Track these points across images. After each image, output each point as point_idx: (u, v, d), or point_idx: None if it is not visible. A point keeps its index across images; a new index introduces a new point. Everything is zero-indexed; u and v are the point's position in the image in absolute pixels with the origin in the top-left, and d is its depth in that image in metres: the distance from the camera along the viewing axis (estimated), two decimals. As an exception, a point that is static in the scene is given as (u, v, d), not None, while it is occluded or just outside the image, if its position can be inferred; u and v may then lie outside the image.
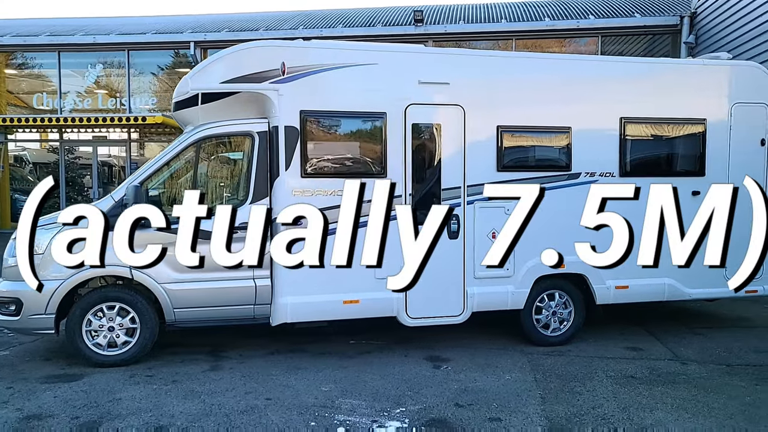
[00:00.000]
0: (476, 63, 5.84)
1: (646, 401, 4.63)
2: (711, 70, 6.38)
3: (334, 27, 15.66)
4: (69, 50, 16.91)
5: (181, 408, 4.31)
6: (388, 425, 4.11)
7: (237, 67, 5.32)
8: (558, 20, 14.69)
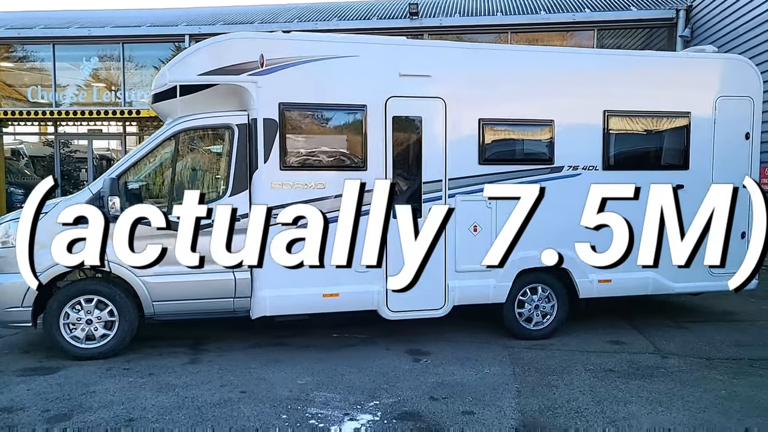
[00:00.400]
0: (458, 55, 5.79)
1: (622, 395, 4.61)
2: (695, 63, 6.33)
3: (329, 20, 15.60)
4: (64, 43, 16.85)
5: (154, 401, 4.31)
6: (359, 418, 4.10)
7: (215, 59, 5.29)
8: (554, 13, 14.61)
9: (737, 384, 4.85)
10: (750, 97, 6.37)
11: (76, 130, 17.32)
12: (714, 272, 6.38)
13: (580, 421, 4.13)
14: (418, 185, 5.68)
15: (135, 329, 5.39)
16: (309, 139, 5.53)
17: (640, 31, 15.29)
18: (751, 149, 6.42)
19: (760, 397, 4.56)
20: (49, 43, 16.89)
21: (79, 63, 17.01)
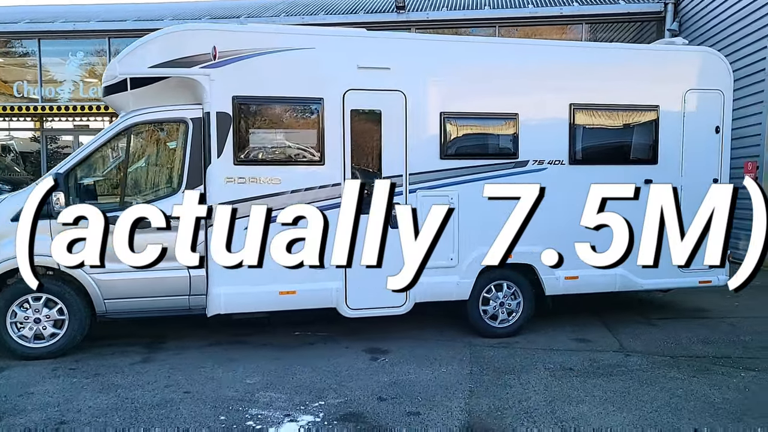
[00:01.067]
0: (418, 48, 5.67)
1: (576, 394, 4.51)
2: (663, 56, 6.19)
3: (316, 14, 15.46)
4: (49, 37, 16.73)
5: (92, 402, 4.21)
6: (300, 419, 4.00)
7: (167, 51, 5.17)
8: (541, 7, 14.45)
9: (696, 383, 4.74)
10: (720, 91, 6.23)
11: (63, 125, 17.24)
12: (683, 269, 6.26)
13: (527, 421, 4.02)
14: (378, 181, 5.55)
15: (86, 328, 5.29)
16: (264, 133, 5.41)
17: (631, 24, 15.13)
18: (721, 143, 6.29)
19: (716, 396, 4.45)
20: (35, 38, 16.78)
21: (65, 58, 16.90)
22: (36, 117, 17.05)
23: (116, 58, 5.34)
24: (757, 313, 6.88)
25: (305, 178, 5.42)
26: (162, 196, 5.34)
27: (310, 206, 4.83)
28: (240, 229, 5.22)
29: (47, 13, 17.21)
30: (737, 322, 6.52)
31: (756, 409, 4.24)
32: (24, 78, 17.21)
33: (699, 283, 6.40)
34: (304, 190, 5.41)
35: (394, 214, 5.50)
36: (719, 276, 6.42)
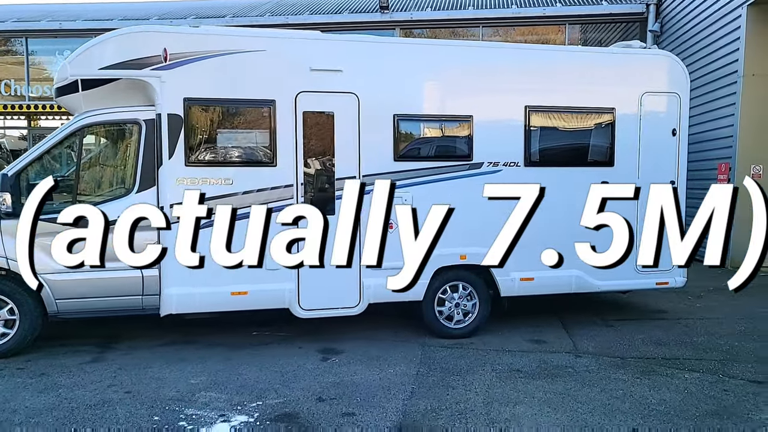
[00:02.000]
0: (371, 50, 5.70)
1: (516, 395, 4.54)
2: (620, 59, 6.22)
3: (301, 14, 15.48)
4: (36, 36, 16.78)
5: (29, 403, 4.25)
6: (233, 420, 4.04)
7: (117, 53, 5.21)
8: (524, 8, 14.48)
9: (638, 384, 4.78)
10: (677, 94, 6.26)
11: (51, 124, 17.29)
12: (641, 270, 6.31)
13: (459, 422, 4.06)
14: (331, 182, 5.59)
15: (38, 328, 5.33)
16: (215, 134, 5.44)
17: (617, 25, 15.15)
18: (678, 145, 6.32)
19: (654, 398, 4.49)
20: (22, 36, 16.83)
21: (52, 57, 16.95)
22: (24, 115, 17.13)
23: (67, 59, 5.38)
24: (714, 315, 6.92)
25: (257, 179, 5.46)
26: (115, 197, 5.37)
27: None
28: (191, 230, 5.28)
29: (35, 12, 17.26)
30: (693, 323, 6.56)
31: (689, 410, 4.27)
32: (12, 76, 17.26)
33: (656, 285, 6.44)
34: (256, 191, 5.45)
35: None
36: (676, 278, 6.45)
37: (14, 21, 16.60)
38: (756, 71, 9.58)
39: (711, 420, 4.13)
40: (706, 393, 4.61)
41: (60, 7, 18.15)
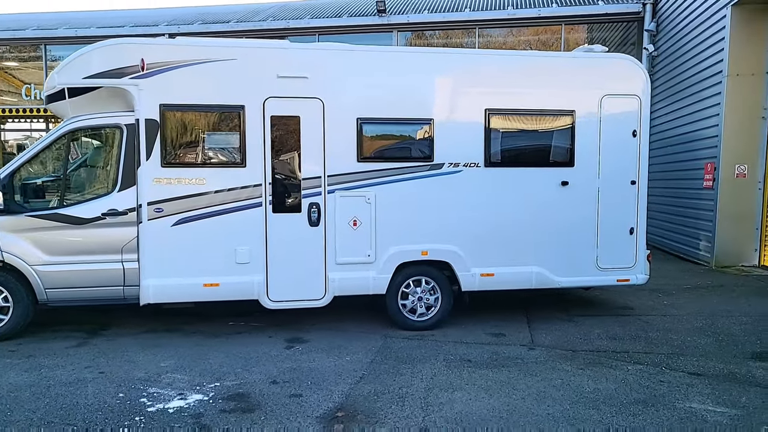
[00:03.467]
0: (334, 57, 6.03)
1: (458, 383, 4.84)
2: (579, 62, 6.46)
3: (302, 18, 15.92)
4: (54, 43, 17.54)
5: (12, 380, 4.71)
6: (189, 398, 4.43)
7: (99, 63, 5.66)
8: (520, 9, 14.67)
9: (579, 374, 5.04)
10: (637, 96, 6.47)
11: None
12: (601, 266, 6.55)
13: (395, 405, 4.38)
14: (297, 182, 5.96)
15: (30, 315, 5.81)
16: (189, 137, 5.84)
17: (617, 24, 15.25)
18: (639, 146, 6.53)
19: (589, 387, 4.74)
20: (41, 44, 17.62)
21: (70, 62, 17.63)
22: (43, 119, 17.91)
23: (55, 69, 5.85)
24: (678, 312, 7.10)
25: (228, 179, 5.86)
26: (98, 195, 5.82)
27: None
28: (167, 226, 5.74)
29: (53, 20, 18.01)
30: (654, 320, 6.76)
31: (618, 398, 4.52)
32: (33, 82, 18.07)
33: (617, 282, 6.65)
34: (227, 191, 5.85)
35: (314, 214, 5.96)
36: (638, 275, 6.66)
37: (34, 29, 17.38)
38: (740, 71, 9.68)
39: (635, 407, 4.38)
40: (641, 383, 4.85)
41: (76, 15, 18.92)
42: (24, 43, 17.78)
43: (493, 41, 15.75)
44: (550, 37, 15.58)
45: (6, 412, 4.13)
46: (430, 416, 4.19)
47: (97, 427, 3.91)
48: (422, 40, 16.24)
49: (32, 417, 4.05)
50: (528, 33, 15.46)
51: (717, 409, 4.32)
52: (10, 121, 18.58)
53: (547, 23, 14.75)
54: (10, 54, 18.78)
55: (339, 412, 4.24)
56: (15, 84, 18.95)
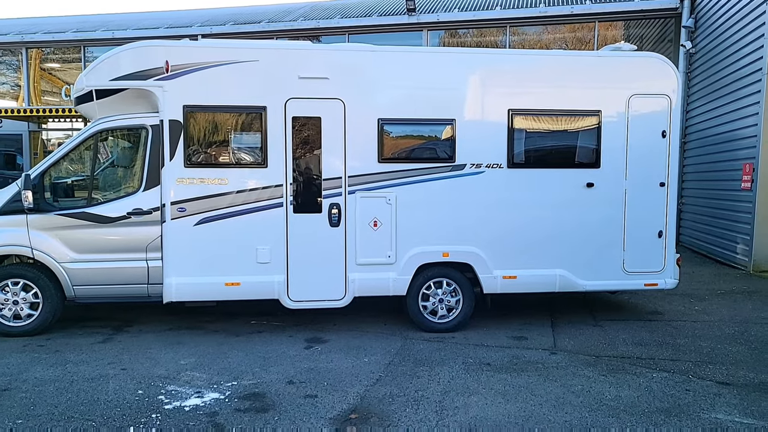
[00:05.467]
0: (355, 58, 6.02)
1: (475, 386, 4.78)
2: (606, 62, 6.28)
3: (332, 18, 15.99)
4: (92, 45, 18.07)
5: (39, 374, 4.86)
6: (206, 396, 4.49)
7: (126, 65, 5.78)
8: (552, 6, 14.41)
9: (600, 381, 4.91)
10: (667, 96, 6.27)
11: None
12: (628, 270, 6.37)
13: (409, 408, 4.35)
14: (318, 182, 5.98)
15: (59, 311, 5.99)
16: (212, 138, 5.92)
17: (653, 21, 14.84)
18: (668, 147, 6.32)
19: (610, 394, 4.62)
20: (80, 45, 18.18)
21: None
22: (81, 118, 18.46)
23: (84, 72, 6.00)
24: (709, 318, 6.85)
25: (250, 179, 5.91)
26: (124, 195, 5.96)
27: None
28: (189, 226, 5.84)
29: (91, 23, 18.56)
30: (683, 325, 6.54)
31: (640, 406, 4.39)
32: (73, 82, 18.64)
33: (645, 286, 6.46)
34: (248, 191, 5.91)
35: (334, 215, 5.97)
36: (667, 279, 6.45)
37: (74, 31, 17.93)
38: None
39: (657, 416, 4.24)
40: (666, 392, 4.69)
41: (114, 17, 19.44)
42: (65, 45, 18.37)
43: (526, 39, 15.52)
44: (586, 34, 15.25)
45: (30, 406, 4.26)
46: (444, 420, 4.14)
47: (115, 424, 4.00)
48: (455, 39, 16.11)
49: (54, 411, 4.17)
50: (563, 30, 15.17)
51: (744, 420, 4.15)
52: (52, 120, 19.25)
53: (580, 21, 14.45)
54: (54, 55, 19.46)
55: (352, 414, 4.23)
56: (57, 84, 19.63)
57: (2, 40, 18.33)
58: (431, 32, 15.42)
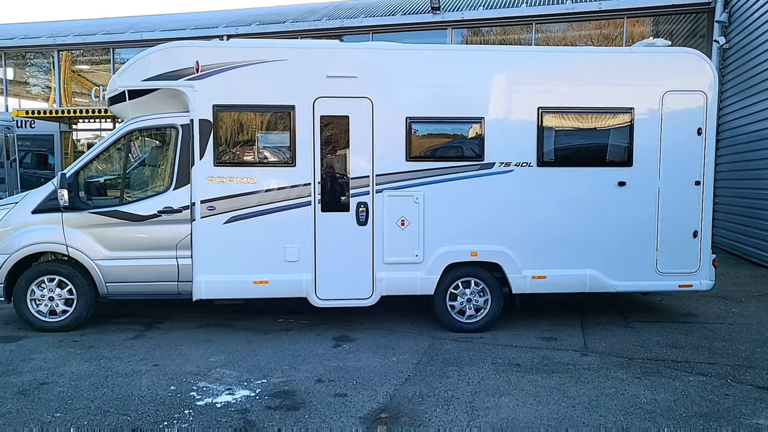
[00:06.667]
0: (383, 57, 6.00)
1: (506, 387, 4.72)
2: (638, 58, 6.14)
3: (356, 17, 16.03)
4: (121, 47, 18.45)
5: (75, 369, 4.95)
6: (237, 393, 4.52)
7: (157, 66, 5.85)
8: (579, 2, 14.21)
9: (635, 384, 4.81)
10: (703, 92, 6.11)
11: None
12: (661, 271, 6.24)
13: (440, 408, 4.31)
14: (346, 181, 5.98)
15: (92, 307, 6.09)
16: (241, 137, 5.96)
17: (686, 16, 14.52)
18: (704, 145, 6.17)
19: (645, 397, 4.52)
20: (109, 47, 18.55)
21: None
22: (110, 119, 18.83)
23: (117, 72, 6.09)
24: (747, 321, 6.66)
25: (278, 178, 5.94)
26: (155, 193, 6.04)
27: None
28: (219, 224, 5.89)
29: (119, 25, 18.90)
30: (719, 328, 6.37)
31: (678, 411, 4.29)
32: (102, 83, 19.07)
33: (678, 287, 6.31)
34: (277, 189, 5.94)
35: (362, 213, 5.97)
36: (702, 280, 6.30)
37: (103, 33, 18.29)
38: (821, 64, 8.98)
39: (696, 421, 4.14)
40: (704, 396, 4.58)
41: (142, 19, 19.77)
42: (95, 47, 18.76)
43: (551, 37, 15.34)
44: (613, 30, 15.02)
45: (67, 400, 4.34)
46: (475, 421, 4.10)
47: (150, 419, 4.05)
48: (478, 37, 16.00)
49: (90, 406, 4.24)
50: (589, 27, 14.96)
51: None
52: (82, 121, 19.67)
53: (608, 17, 14.22)
54: (83, 58, 19.89)
55: (383, 413, 4.22)
56: (86, 86, 20.06)
57: (35, 43, 18.81)
58: (456, 30, 15.34)
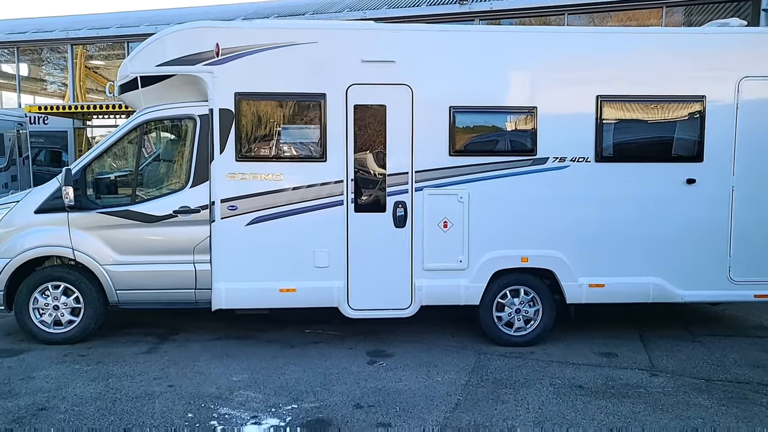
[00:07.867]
0: (425, 39, 5.36)
1: (573, 416, 4.08)
2: (711, 40, 5.45)
3: (379, 8, 15.44)
4: (135, 40, 17.94)
5: (79, 390, 4.38)
6: (264, 422, 3.92)
7: (173, 49, 5.26)
8: (614, -9, 13.47)
9: (723, 413, 4.14)
10: (785, 77, 5.41)
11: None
12: (734, 279, 5.55)
13: (501, 443, 3.69)
14: (382, 178, 5.36)
15: (101, 317, 5.52)
16: (266, 129, 5.35)
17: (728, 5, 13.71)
18: (787, 137, 5.46)
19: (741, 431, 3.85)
20: (123, 41, 18.13)
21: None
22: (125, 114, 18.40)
23: (128, 57, 5.52)
24: (830, 335, 5.95)
25: (307, 174, 5.33)
26: (170, 191, 5.46)
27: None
28: (241, 225, 5.30)
29: (134, 18, 18.47)
30: (801, 344, 5.67)
31: (785, 450, 3.63)
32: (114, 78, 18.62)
33: (755, 297, 5.62)
34: (306, 187, 5.33)
35: (400, 214, 5.35)
36: (780, 290, 5.60)
37: (117, 27, 17.87)
38: None
39: (810, 463, 3.47)
40: (809, 429, 3.91)
41: (156, 13, 19.33)
42: (109, 41, 18.34)
43: (581, 28, 14.60)
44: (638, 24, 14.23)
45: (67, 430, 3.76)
46: (548, 463, 3.46)
47: (164, 455, 3.46)
48: (503, 29, 15.32)
49: (95, 438, 3.67)
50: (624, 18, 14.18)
51: None
52: (96, 117, 19.25)
53: (647, 6, 13.44)
54: (97, 53, 19.49)
55: (435, 451, 3.60)
56: (101, 82, 19.65)
57: (48, 37, 18.43)
58: (483, 22, 14.65)
